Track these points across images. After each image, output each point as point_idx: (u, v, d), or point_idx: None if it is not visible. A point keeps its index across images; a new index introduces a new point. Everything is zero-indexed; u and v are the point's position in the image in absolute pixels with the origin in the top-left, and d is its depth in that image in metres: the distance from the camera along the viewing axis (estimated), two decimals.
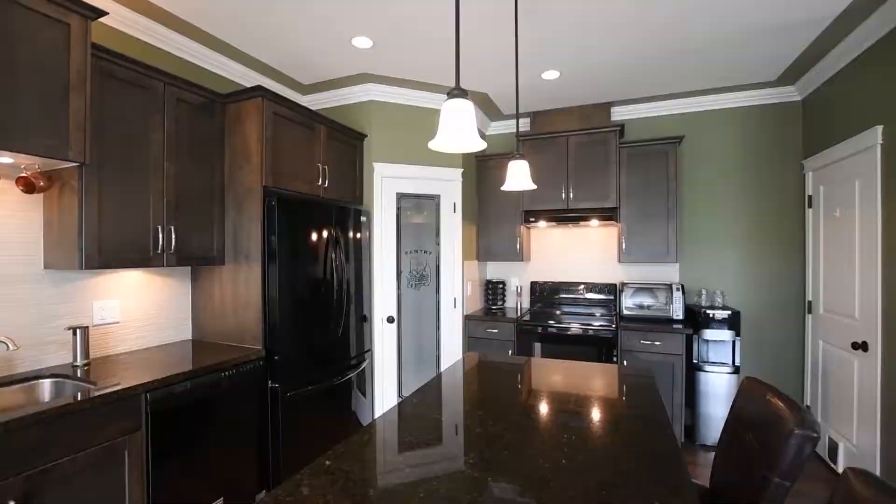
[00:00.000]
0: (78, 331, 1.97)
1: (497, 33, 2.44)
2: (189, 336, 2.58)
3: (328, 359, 2.72)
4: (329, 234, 2.72)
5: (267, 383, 2.35)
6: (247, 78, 2.92)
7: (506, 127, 4.07)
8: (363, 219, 3.07)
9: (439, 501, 0.94)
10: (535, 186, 1.79)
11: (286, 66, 2.90)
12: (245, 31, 2.44)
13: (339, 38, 2.50)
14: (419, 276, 3.46)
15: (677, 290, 3.23)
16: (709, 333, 3.06)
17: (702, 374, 3.09)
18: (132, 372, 1.88)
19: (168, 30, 2.39)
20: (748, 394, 1.57)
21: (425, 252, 3.48)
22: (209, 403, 2.03)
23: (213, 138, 2.40)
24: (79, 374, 1.85)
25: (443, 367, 3.43)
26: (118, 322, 2.21)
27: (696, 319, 3.13)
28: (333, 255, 2.75)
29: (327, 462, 1.13)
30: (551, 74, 2.97)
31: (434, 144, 1.10)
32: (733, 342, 3.07)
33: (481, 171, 3.79)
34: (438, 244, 3.45)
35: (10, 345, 1.67)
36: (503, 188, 1.79)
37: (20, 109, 1.55)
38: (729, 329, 3.04)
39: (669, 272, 3.57)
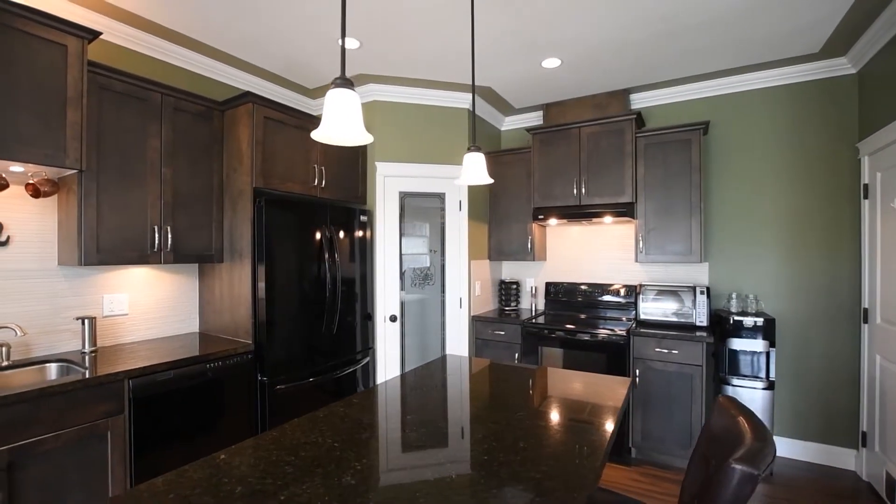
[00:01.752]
0: (86, 321, 2.18)
1: (489, 23, 2.34)
2: (196, 329, 2.77)
3: (322, 355, 2.78)
4: (323, 233, 2.78)
5: (256, 376, 2.45)
6: (254, 87, 3.07)
7: (521, 121, 3.92)
8: (363, 218, 3.11)
9: None
10: (492, 181, 1.69)
11: (288, 72, 3.01)
12: (236, 38, 2.55)
13: (327, 39, 2.54)
14: (423, 275, 3.43)
15: (701, 293, 2.90)
16: (737, 343, 2.71)
17: (729, 389, 2.75)
18: (132, 359, 2.05)
19: (170, 43, 2.57)
20: (719, 412, 1.35)
21: (430, 251, 3.44)
22: (196, 392, 2.15)
23: (211, 143, 2.55)
24: (85, 361, 2.05)
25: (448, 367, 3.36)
26: (126, 314, 2.43)
27: (723, 326, 2.78)
28: (327, 255, 2.81)
29: (222, 456, 1.14)
30: (552, 62, 2.79)
31: (316, 135, 1.07)
32: (767, 353, 2.69)
33: (491, 167, 3.67)
34: (444, 243, 3.39)
35: (17, 331, 1.89)
36: (457, 182, 1.71)
37: (20, 124, 1.75)
38: (763, 338, 2.67)
39: (697, 273, 3.21)
